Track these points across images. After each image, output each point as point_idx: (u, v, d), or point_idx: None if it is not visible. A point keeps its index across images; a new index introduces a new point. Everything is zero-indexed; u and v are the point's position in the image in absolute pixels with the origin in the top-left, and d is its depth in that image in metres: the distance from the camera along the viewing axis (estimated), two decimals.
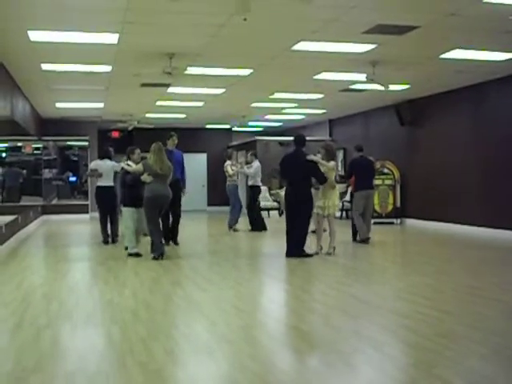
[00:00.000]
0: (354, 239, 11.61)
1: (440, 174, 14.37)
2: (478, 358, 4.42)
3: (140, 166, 9.63)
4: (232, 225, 14.01)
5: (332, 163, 9.89)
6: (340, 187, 14.29)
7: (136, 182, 9.53)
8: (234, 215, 14.09)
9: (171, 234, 11.38)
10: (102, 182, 11.66)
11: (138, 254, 9.72)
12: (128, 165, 9.96)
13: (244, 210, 14.80)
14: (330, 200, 9.78)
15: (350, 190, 13.02)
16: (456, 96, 13.79)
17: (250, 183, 14.34)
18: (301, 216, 9.49)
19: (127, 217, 9.85)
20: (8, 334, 5.22)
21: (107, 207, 11.61)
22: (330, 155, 9.95)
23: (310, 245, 10.03)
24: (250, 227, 14.00)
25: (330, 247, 9.82)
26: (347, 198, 15.50)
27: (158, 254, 9.44)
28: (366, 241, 11.28)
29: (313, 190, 9.73)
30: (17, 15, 7.44)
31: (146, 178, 9.41)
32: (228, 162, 14.13)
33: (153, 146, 9.65)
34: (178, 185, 11.10)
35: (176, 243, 11.36)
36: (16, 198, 18.45)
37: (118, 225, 11.86)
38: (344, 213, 16.67)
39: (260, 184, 14.22)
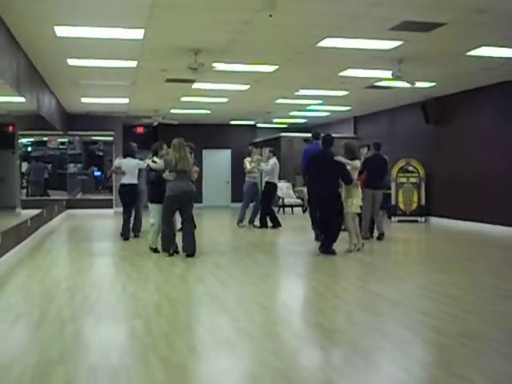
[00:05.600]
0: (371, 235, 11.54)
1: (466, 172, 14.21)
2: (501, 358, 4.38)
3: (161, 163, 9.47)
4: (240, 220, 13.99)
5: (356, 162, 9.85)
6: None
7: (159, 179, 9.37)
8: (242, 211, 14.10)
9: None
10: (125, 180, 11.66)
11: (156, 250, 9.65)
12: (154, 161, 9.87)
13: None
14: (351, 199, 9.73)
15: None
16: (483, 94, 13.61)
17: (265, 179, 14.32)
18: (332, 215, 9.51)
19: (154, 213, 9.76)
20: (33, 327, 5.28)
21: (130, 204, 11.63)
22: (350, 154, 9.88)
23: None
24: (270, 224, 13.91)
25: (359, 243, 9.87)
26: None
27: (173, 249, 9.31)
28: (367, 239, 11.21)
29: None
30: (43, 11, 7.51)
31: (167, 175, 9.20)
32: (247, 159, 14.12)
33: (174, 141, 9.37)
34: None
35: None
36: (41, 192, 18.71)
37: (141, 221, 11.93)
38: None
39: (276, 181, 14.09)
